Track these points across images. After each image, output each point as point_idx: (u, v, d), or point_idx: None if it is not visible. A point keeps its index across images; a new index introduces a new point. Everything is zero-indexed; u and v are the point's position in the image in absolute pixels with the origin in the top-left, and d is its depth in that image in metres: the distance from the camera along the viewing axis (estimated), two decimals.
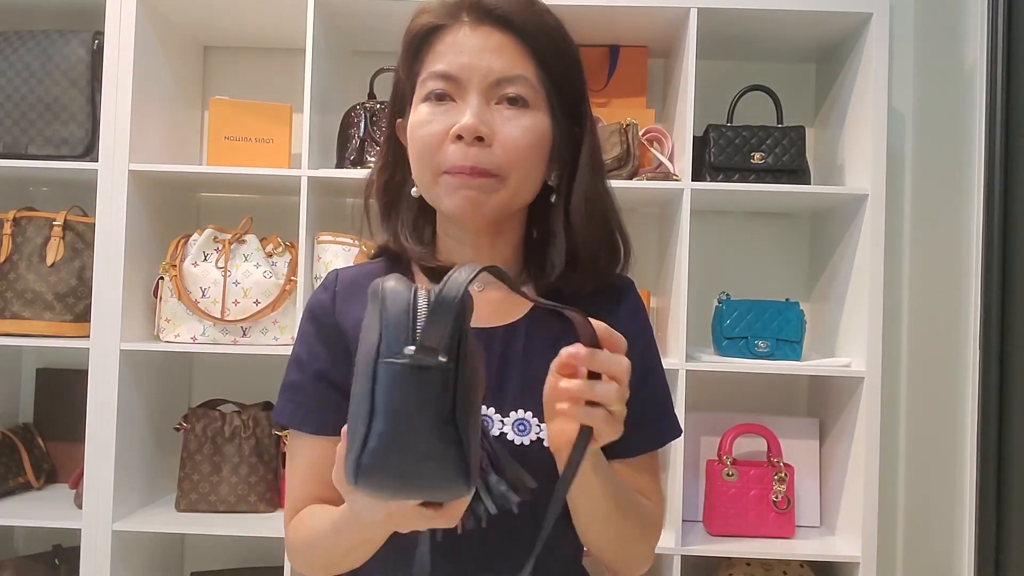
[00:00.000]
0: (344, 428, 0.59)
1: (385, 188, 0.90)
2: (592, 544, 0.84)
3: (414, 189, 0.86)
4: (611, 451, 0.84)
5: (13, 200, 1.89)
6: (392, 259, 0.92)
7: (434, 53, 0.81)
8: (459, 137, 0.77)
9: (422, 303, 0.57)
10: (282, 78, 2.03)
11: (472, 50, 0.79)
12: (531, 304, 0.83)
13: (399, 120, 0.87)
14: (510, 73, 0.79)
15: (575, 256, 0.85)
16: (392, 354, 0.56)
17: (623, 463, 0.87)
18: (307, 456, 0.86)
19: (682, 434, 0.94)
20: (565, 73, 0.83)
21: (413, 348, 0.56)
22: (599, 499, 0.77)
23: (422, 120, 0.80)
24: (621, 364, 0.65)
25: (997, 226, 1.59)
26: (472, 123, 0.77)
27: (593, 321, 0.65)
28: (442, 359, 0.55)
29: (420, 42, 0.82)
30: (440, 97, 0.79)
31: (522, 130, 0.79)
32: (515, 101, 0.79)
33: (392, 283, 0.59)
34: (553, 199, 0.86)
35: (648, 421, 0.88)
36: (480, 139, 0.78)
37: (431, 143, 0.79)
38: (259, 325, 1.76)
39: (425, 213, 0.89)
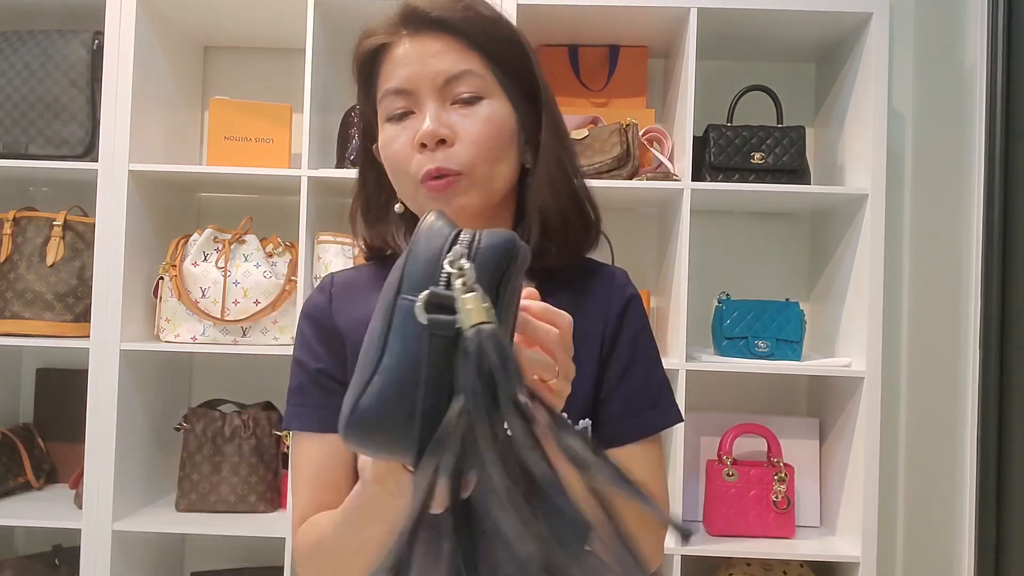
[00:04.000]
0: None
1: (367, 208, 0.92)
2: None
3: (397, 206, 0.88)
4: (600, 439, 0.85)
5: (13, 200, 1.90)
6: (384, 261, 0.92)
7: (383, 72, 0.83)
8: (424, 145, 0.79)
9: (460, 248, 0.50)
10: (282, 78, 2.03)
11: (416, 59, 0.81)
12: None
13: (374, 145, 0.89)
14: (455, 70, 0.80)
15: (547, 229, 0.86)
16: (414, 290, 0.49)
17: (615, 452, 0.86)
18: (315, 458, 0.85)
19: (681, 421, 0.91)
20: (510, 56, 0.84)
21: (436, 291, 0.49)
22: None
23: (389, 139, 0.82)
24: (550, 333, 0.59)
25: (997, 226, 1.59)
26: (430, 128, 0.79)
27: (531, 301, 0.60)
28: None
29: (369, 66, 0.85)
30: (401, 114, 0.82)
31: (481, 122, 0.80)
32: (469, 96, 0.81)
33: (432, 218, 0.52)
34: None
35: (636, 410, 0.86)
36: (443, 141, 0.79)
37: (401, 158, 0.81)
38: (259, 325, 1.76)
39: (413, 220, 0.89)
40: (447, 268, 0.49)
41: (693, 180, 1.72)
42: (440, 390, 0.47)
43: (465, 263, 0.48)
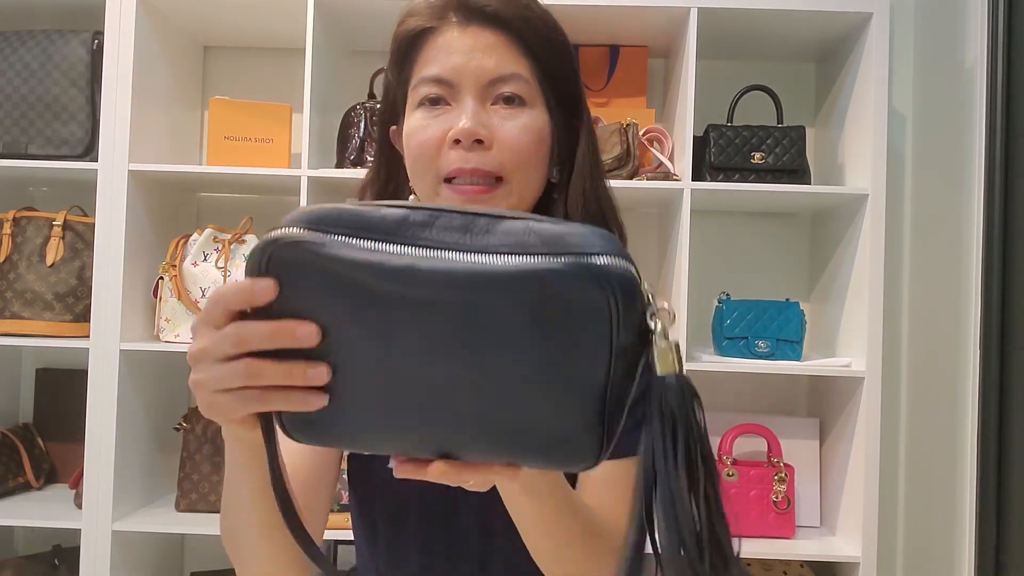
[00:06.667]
0: None
1: (379, 199, 0.86)
2: (537, 563, 0.74)
3: (412, 198, 0.82)
4: None
5: (13, 200, 1.89)
6: None
7: (424, 57, 0.78)
8: (457, 142, 0.74)
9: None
10: (282, 78, 2.03)
11: (463, 51, 0.76)
12: None
13: (392, 128, 0.85)
14: (504, 72, 0.76)
15: None
16: (634, 345, 0.48)
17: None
18: (294, 451, 0.80)
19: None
20: (559, 66, 0.80)
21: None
22: (535, 516, 0.68)
23: (417, 127, 0.77)
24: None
25: (997, 226, 1.59)
26: (470, 126, 0.74)
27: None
28: None
29: (408, 46, 0.80)
30: (434, 102, 0.76)
31: (521, 129, 0.76)
32: (511, 100, 0.76)
33: (618, 241, 0.49)
34: (555, 196, 0.83)
35: (623, 428, 0.83)
36: (479, 142, 0.75)
37: (428, 150, 0.76)
38: None
39: None
40: (656, 308, 0.48)
41: (693, 180, 1.72)
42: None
43: (672, 309, 0.49)
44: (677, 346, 0.49)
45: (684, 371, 0.50)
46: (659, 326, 0.48)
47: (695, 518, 0.50)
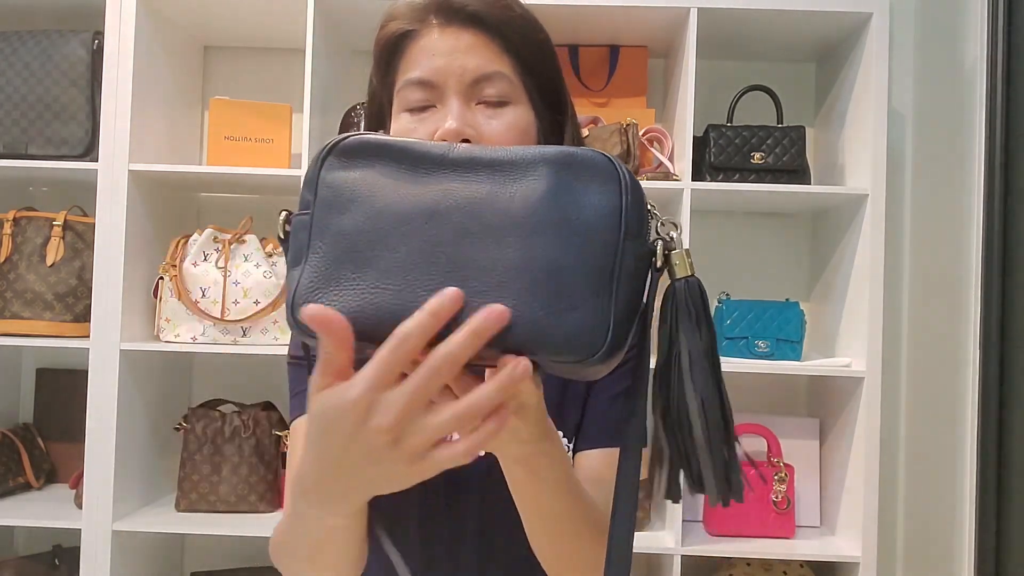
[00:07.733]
0: None
1: None
2: (531, 543, 0.74)
3: None
4: (579, 438, 0.85)
5: (13, 200, 1.90)
6: None
7: (407, 60, 0.79)
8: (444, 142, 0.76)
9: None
10: (282, 78, 2.03)
11: (445, 52, 0.76)
12: None
13: (380, 132, 0.85)
14: (487, 71, 0.76)
15: None
16: (633, 235, 0.54)
17: (590, 453, 0.85)
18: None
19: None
20: (541, 62, 0.81)
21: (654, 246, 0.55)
22: (534, 495, 0.69)
23: (404, 130, 0.78)
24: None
25: (997, 226, 1.59)
26: (455, 127, 0.74)
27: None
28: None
29: (392, 50, 0.80)
30: (421, 107, 0.77)
31: (506, 127, 0.76)
32: (495, 99, 0.77)
33: (626, 168, 0.56)
34: None
35: (616, 415, 0.85)
36: (466, 141, 0.74)
37: None
38: (259, 325, 1.76)
39: None
40: (665, 224, 0.56)
41: (693, 180, 1.72)
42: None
43: (677, 221, 0.57)
44: (688, 252, 0.56)
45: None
46: (675, 235, 0.56)
47: (720, 399, 0.57)
